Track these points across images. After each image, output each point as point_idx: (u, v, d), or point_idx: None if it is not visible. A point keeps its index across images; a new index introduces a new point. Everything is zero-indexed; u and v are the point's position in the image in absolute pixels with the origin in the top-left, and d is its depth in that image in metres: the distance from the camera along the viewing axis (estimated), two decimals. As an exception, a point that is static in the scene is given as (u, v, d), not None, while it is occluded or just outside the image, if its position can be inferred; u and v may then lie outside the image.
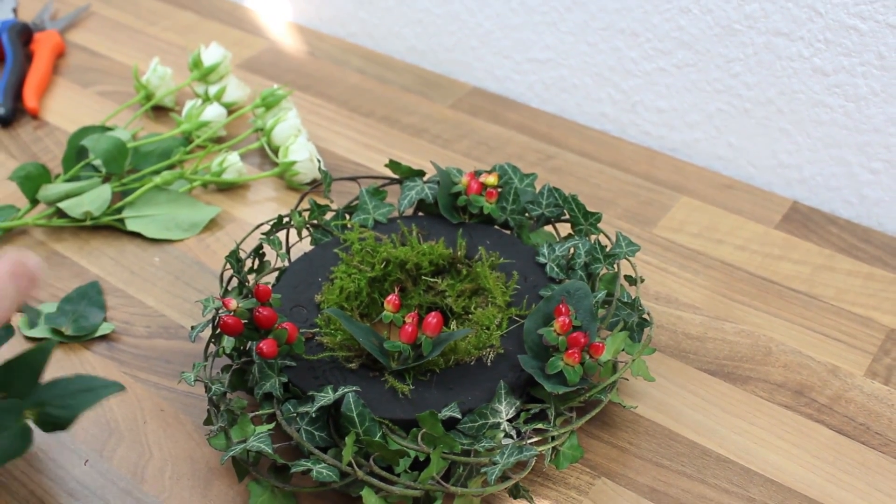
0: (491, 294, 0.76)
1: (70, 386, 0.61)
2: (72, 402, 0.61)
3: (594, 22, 1.02)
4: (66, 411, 0.60)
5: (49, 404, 0.60)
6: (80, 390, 0.61)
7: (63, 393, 0.61)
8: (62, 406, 0.60)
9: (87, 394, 0.61)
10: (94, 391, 0.61)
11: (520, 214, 0.82)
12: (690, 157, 1.03)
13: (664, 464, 0.71)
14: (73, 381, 0.61)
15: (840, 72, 0.90)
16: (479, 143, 1.04)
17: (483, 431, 0.67)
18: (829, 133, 0.93)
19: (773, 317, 0.83)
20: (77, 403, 0.60)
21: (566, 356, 0.68)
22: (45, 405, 0.60)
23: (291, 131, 0.99)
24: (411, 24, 1.17)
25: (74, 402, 0.61)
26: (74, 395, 0.61)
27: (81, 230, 0.93)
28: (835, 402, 0.76)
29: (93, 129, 0.98)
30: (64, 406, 0.60)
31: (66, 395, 0.61)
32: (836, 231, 0.92)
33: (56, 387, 0.61)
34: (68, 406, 0.60)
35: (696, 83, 0.99)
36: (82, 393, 0.61)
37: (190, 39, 1.23)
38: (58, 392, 0.61)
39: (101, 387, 0.61)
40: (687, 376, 0.78)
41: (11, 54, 1.14)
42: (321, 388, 0.67)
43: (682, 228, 0.92)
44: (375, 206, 0.83)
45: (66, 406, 0.60)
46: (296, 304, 0.76)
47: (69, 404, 0.60)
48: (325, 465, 0.64)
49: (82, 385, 0.61)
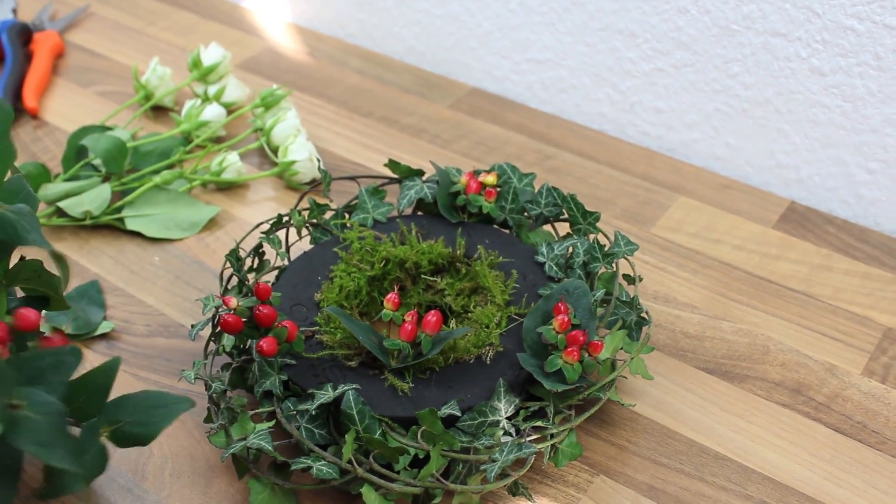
0: (490, 293, 0.76)
1: (143, 402, 0.62)
2: (149, 419, 0.61)
3: (592, 22, 1.03)
4: (145, 428, 0.61)
5: (123, 421, 0.61)
6: (155, 407, 0.62)
7: (136, 410, 0.61)
8: (140, 423, 0.61)
9: (163, 410, 0.61)
10: (168, 408, 0.62)
11: (519, 214, 0.83)
12: (688, 157, 1.03)
13: (662, 462, 0.72)
14: (144, 398, 0.62)
15: (837, 72, 0.90)
16: (478, 144, 1.04)
17: (482, 429, 0.67)
18: (826, 133, 0.94)
19: (770, 316, 0.83)
20: (156, 420, 0.61)
21: (565, 354, 0.68)
22: (119, 422, 0.61)
23: (291, 131, 0.99)
24: (410, 25, 1.18)
25: (152, 419, 0.61)
26: (149, 411, 0.61)
27: (81, 229, 0.93)
28: (832, 401, 0.76)
29: (92, 129, 0.98)
30: (142, 423, 0.61)
31: (141, 412, 0.61)
32: (834, 231, 0.92)
33: (126, 404, 0.62)
34: (147, 423, 0.61)
35: (693, 83, 0.99)
36: (157, 409, 0.61)
37: (189, 40, 1.23)
38: (130, 409, 0.61)
39: (174, 403, 0.62)
40: (685, 375, 0.78)
41: (11, 54, 1.14)
42: (321, 385, 0.68)
43: (679, 228, 0.93)
44: (375, 205, 0.84)
45: (145, 423, 0.61)
46: (295, 302, 0.76)
47: (147, 421, 0.61)
48: (325, 462, 0.64)
49: (155, 402, 0.62)
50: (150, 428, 0.61)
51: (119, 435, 0.61)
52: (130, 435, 0.61)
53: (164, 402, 0.62)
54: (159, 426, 0.61)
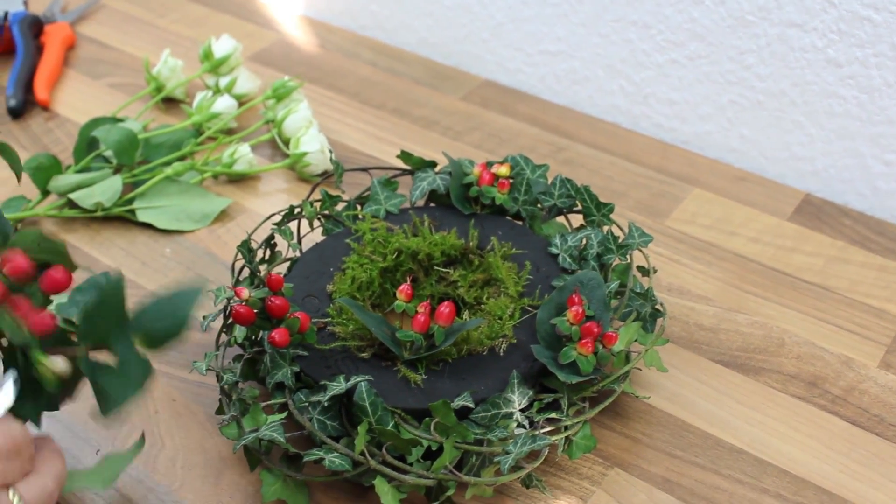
0: (503, 284, 0.76)
1: (159, 303, 0.59)
2: (172, 311, 0.59)
3: (606, 14, 1.02)
4: (172, 321, 0.59)
5: (149, 326, 0.59)
6: (172, 300, 0.59)
7: (156, 312, 0.59)
8: (165, 318, 0.59)
9: (181, 299, 0.59)
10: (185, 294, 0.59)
11: (532, 205, 0.82)
12: (703, 149, 1.03)
13: (677, 454, 0.71)
14: (158, 300, 0.60)
15: (853, 63, 0.89)
16: (491, 136, 1.04)
17: (496, 421, 0.67)
18: (842, 125, 0.93)
19: (786, 308, 0.83)
20: (180, 311, 0.59)
21: (579, 346, 0.67)
22: (145, 328, 0.59)
23: (302, 122, 0.99)
24: (422, 17, 1.17)
25: (174, 310, 0.59)
26: (169, 305, 0.59)
27: (92, 221, 0.93)
28: (848, 394, 0.75)
29: (104, 121, 0.98)
30: (167, 317, 0.59)
31: (161, 310, 0.59)
32: (849, 223, 0.92)
33: (145, 311, 0.60)
34: (172, 316, 0.59)
35: (708, 75, 0.98)
36: (176, 300, 0.59)
37: (200, 32, 1.22)
38: (150, 314, 0.59)
39: (189, 290, 0.59)
40: (700, 367, 0.78)
41: (22, 46, 1.14)
42: (333, 377, 0.67)
43: (694, 220, 0.92)
44: (387, 196, 0.83)
45: (170, 316, 0.59)
46: (308, 293, 0.75)
47: (171, 314, 0.59)
48: (337, 454, 0.64)
49: (169, 297, 0.59)
50: (177, 318, 0.59)
51: (151, 339, 0.59)
52: (162, 333, 0.59)
53: (179, 294, 0.59)
54: (185, 313, 0.59)
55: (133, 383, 0.59)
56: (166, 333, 0.59)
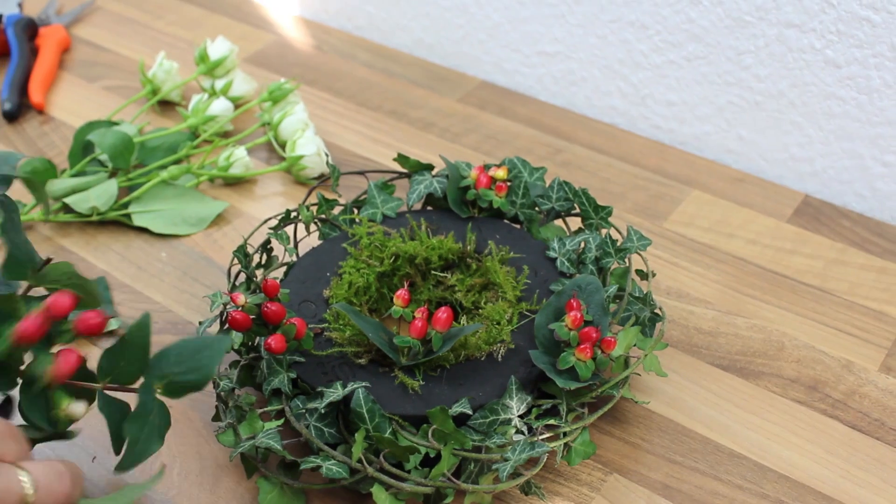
0: (501, 289, 0.75)
1: (184, 350, 0.60)
2: (197, 363, 0.60)
3: (603, 14, 1.02)
4: (197, 374, 0.60)
5: (171, 373, 0.60)
6: (198, 350, 0.60)
7: (181, 359, 0.60)
8: (189, 370, 0.60)
9: (207, 352, 0.60)
10: (211, 348, 0.60)
11: (529, 208, 0.82)
12: (701, 150, 1.02)
13: (677, 460, 0.71)
14: (184, 346, 0.60)
15: (852, 64, 0.89)
16: (488, 137, 1.03)
17: (494, 427, 0.66)
18: (841, 125, 0.92)
19: (785, 311, 0.82)
20: (205, 363, 0.60)
21: (578, 351, 0.67)
22: (168, 375, 0.60)
23: (299, 125, 0.98)
24: (419, 18, 1.17)
25: (199, 362, 0.60)
26: (194, 356, 0.60)
27: (88, 225, 0.92)
28: (849, 398, 0.75)
29: (99, 124, 0.97)
30: (191, 370, 0.60)
31: (186, 359, 0.60)
32: (849, 225, 0.91)
33: (169, 356, 0.60)
34: (197, 368, 0.60)
35: (706, 76, 0.98)
36: (202, 353, 0.60)
37: (196, 34, 1.22)
38: (174, 360, 0.60)
39: (216, 342, 0.60)
40: (699, 371, 0.77)
41: (17, 49, 1.13)
42: (330, 383, 0.67)
43: (692, 222, 0.92)
44: (384, 200, 0.83)
45: (195, 369, 0.60)
46: (304, 299, 0.75)
47: (196, 366, 0.60)
48: (334, 461, 0.63)
49: (196, 346, 0.60)
50: (201, 372, 0.60)
51: (173, 387, 0.60)
52: (184, 384, 0.60)
53: (205, 345, 0.60)
54: (210, 367, 0.60)
55: (152, 431, 0.60)
56: (188, 384, 0.60)
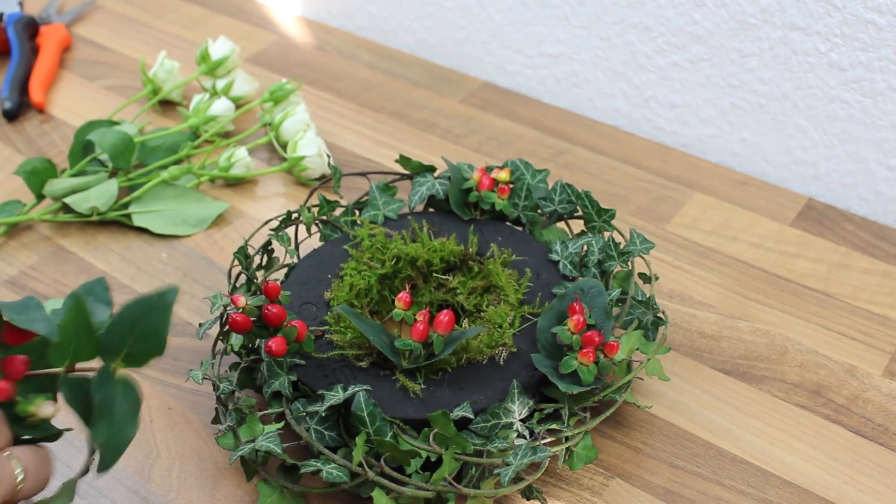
0: (503, 291, 0.75)
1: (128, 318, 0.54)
2: (146, 329, 0.53)
3: (607, 16, 1.01)
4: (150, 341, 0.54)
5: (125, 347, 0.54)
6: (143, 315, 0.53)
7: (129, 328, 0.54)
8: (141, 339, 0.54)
9: (153, 313, 0.53)
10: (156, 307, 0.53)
11: (532, 211, 0.81)
12: (704, 153, 1.02)
13: (679, 464, 0.70)
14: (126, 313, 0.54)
15: (857, 67, 0.88)
16: (490, 139, 1.03)
17: (496, 431, 0.66)
18: (845, 129, 0.92)
19: (788, 315, 0.82)
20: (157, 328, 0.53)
21: (580, 355, 0.66)
22: (124, 347, 0.54)
23: (300, 126, 0.98)
24: (421, 18, 1.16)
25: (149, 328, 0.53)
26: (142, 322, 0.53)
27: (88, 225, 0.92)
28: (852, 403, 0.75)
29: (99, 124, 0.97)
30: (143, 337, 0.53)
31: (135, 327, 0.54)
32: (852, 228, 0.91)
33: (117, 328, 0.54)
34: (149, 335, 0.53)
35: (710, 78, 0.98)
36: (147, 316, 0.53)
37: (197, 33, 1.21)
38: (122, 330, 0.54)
39: (158, 299, 0.53)
40: (702, 376, 0.77)
41: (17, 48, 1.13)
42: (331, 386, 0.66)
43: (695, 225, 0.91)
44: (385, 201, 0.82)
45: (146, 336, 0.53)
46: (305, 301, 0.75)
47: (147, 333, 0.53)
48: (335, 465, 0.63)
49: (139, 310, 0.54)
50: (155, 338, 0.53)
51: (131, 359, 0.54)
52: (139, 355, 0.54)
53: (150, 306, 0.54)
54: (161, 329, 0.53)
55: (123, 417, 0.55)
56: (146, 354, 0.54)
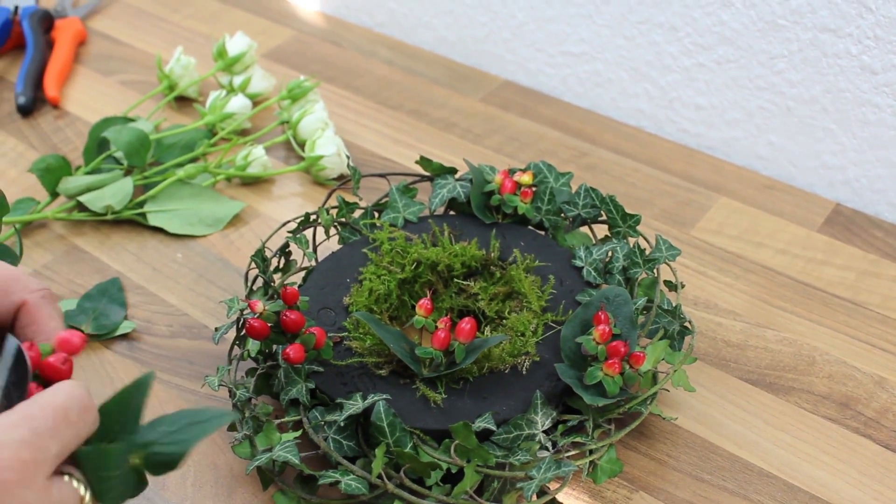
0: (526, 298, 0.73)
1: (177, 421, 0.54)
2: (180, 437, 0.53)
3: (632, 15, 0.99)
4: (174, 447, 0.53)
5: (156, 443, 0.54)
6: (189, 424, 0.54)
7: (170, 430, 0.54)
8: (171, 443, 0.53)
9: (197, 426, 0.53)
10: (203, 423, 0.54)
11: (555, 215, 0.80)
12: (729, 156, 1.00)
13: (704, 478, 0.69)
14: (179, 416, 0.54)
15: (889, 70, 0.86)
16: (511, 139, 1.01)
17: (518, 443, 0.64)
18: (875, 133, 0.90)
19: (816, 324, 0.80)
20: (186, 438, 0.53)
21: (606, 366, 0.65)
22: (152, 445, 0.54)
23: (318, 124, 0.96)
24: (441, 15, 1.14)
25: (183, 436, 0.53)
26: (183, 429, 0.54)
27: (102, 224, 0.90)
28: (882, 416, 0.73)
29: (115, 120, 0.95)
30: (173, 443, 0.53)
31: (174, 431, 0.54)
32: (881, 235, 0.89)
33: (161, 425, 0.54)
34: (177, 442, 0.53)
35: (736, 80, 0.96)
36: (191, 426, 0.54)
37: (214, 28, 1.20)
38: (164, 429, 0.54)
39: (213, 417, 0.54)
40: (727, 386, 0.75)
41: (32, 42, 1.11)
42: (350, 395, 0.65)
43: (720, 230, 0.89)
44: (406, 204, 0.80)
45: (175, 442, 0.53)
46: (323, 306, 0.73)
47: (178, 440, 0.53)
48: (353, 476, 0.61)
49: (190, 419, 0.54)
50: (179, 447, 0.53)
51: (151, 460, 0.54)
52: (161, 457, 0.54)
53: (201, 418, 0.54)
54: (190, 443, 0.53)
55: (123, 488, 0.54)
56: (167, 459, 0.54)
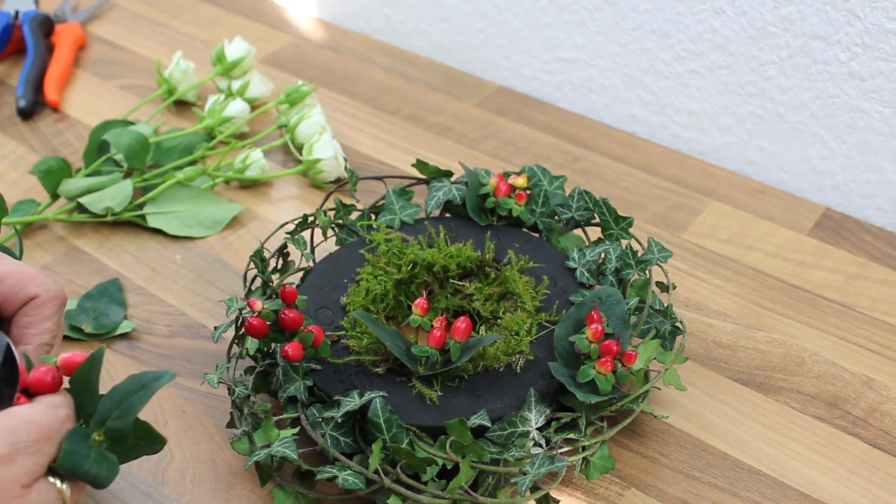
0: (520, 298, 0.74)
1: (123, 390, 0.54)
2: (125, 407, 0.53)
3: (625, 22, 1.01)
4: (122, 420, 0.54)
5: (110, 418, 0.54)
6: (131, 392, 0.54)
7: (120, 400, 0.54)
8: (119, 416, 0.54)
9: (137, 394, 0.54)
10: (143, 390, 0.54)
11: (549, 217, 0.81)
12: (721, 160, 1.01)
13: (695, 475, 0.70)
14: (125, 385, 0.54)
15: (877, 76, 0.88)
16: (506, 144, 1.02)
17: (512, 440, 0.65)
18: (864, 139, 0.91)
19: (805, 326, 0.81)
20: (129, 407, 0.53)
21: (598, 364, 0.66)
22: (107, 420, 0.54)
23: (316, 128, 0.98)
24: (437, 21, 1.16)
25: (127, 407, 0.53)
26: (126, 399, 0.54)
27: (102, 226, 0.91)
28: (869, 415, 0.74)
29: (114, 124, 0.96)
30: (120, 415, 0.54)
31: (121, 402, 0.54)
32: (870, 239, 0.90)
33: (113, 396, 0.54)
34: (123, 413, 0.53)
35: (728, 86, 0.97)
36: (133, 395, 0.54)
37: (213, 33, 1.21)
38: (116, 400, 0.54)
39: (152, 381, 0.54)
40: (718, 385, 0.76)
41: (32, 46, 1.13)
42: (347, 392, 0.66)
43: (712, 234, 0.91)
44: (402, 206, 0.82)
45: (122, 414, 0.53)
46: (321, 305, 0.74)
47: (124, 411, 0.53)
48: (350, 472, 0.63)
49: (133, 385, 0.54)
50: (125, 418, 0.53)
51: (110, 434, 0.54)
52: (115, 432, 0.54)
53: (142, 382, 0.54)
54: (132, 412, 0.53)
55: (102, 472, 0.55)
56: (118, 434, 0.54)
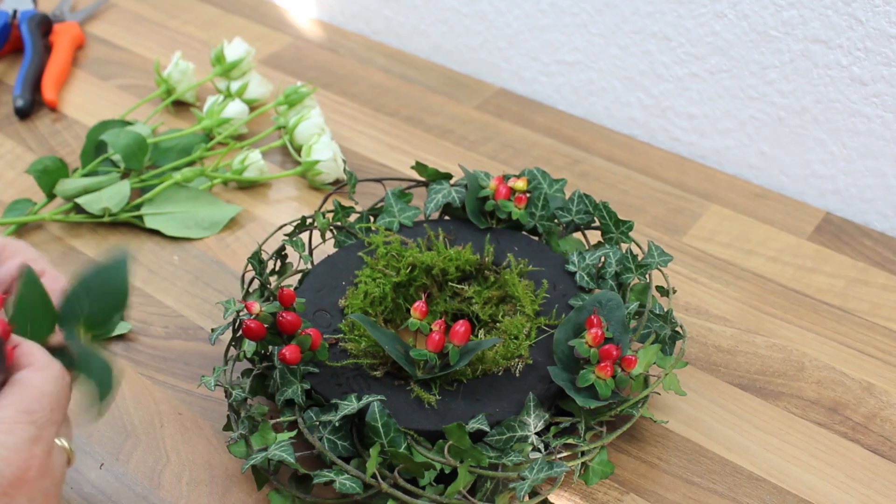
0: (519, 302, 0.74)
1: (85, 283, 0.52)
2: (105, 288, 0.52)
3: (626, 25, 1.00)
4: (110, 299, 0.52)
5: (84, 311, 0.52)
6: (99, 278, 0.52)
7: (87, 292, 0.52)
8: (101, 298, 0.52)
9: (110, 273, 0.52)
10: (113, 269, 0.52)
11: (549, 221, 0.80)
12: (721, 164, 1.01)
13: (694, 481, 0.69)
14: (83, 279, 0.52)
15: (879, 81, 0.87)
16: (506, 146, 1.02)
17: (511, 445, 0.65)
18: (865, 144, 0.91)
19: (805, 331, 0.81)
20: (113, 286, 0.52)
21: (598, 369, 0.66)
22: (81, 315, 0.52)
23: (315, 130, 0.97)
24: (437, 23, 1.15)
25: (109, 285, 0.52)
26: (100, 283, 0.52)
27: (99, 226, 0.91)
28: (870, 421, 0.74)
29: (112, 124, 0.96)
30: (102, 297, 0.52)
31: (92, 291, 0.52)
32: (870, 244, 0.90)
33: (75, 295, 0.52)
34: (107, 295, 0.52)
35: (728, 90, 0.97)
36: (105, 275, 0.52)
37: (212, 34, 1.21)
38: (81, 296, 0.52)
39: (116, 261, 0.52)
40: (717, 390, 0.76)
41: (30, 45, 1.12)
42: (345, 395, 0.66)
43: (712, 238, 0.90)
44: (401, 208, 0.81)
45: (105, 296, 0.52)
46: (319, 308, 0.74)
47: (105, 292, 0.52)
48: (348, 476, 0.62)
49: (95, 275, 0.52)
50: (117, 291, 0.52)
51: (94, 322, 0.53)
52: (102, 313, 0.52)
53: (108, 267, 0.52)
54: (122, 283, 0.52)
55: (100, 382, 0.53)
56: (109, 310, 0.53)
